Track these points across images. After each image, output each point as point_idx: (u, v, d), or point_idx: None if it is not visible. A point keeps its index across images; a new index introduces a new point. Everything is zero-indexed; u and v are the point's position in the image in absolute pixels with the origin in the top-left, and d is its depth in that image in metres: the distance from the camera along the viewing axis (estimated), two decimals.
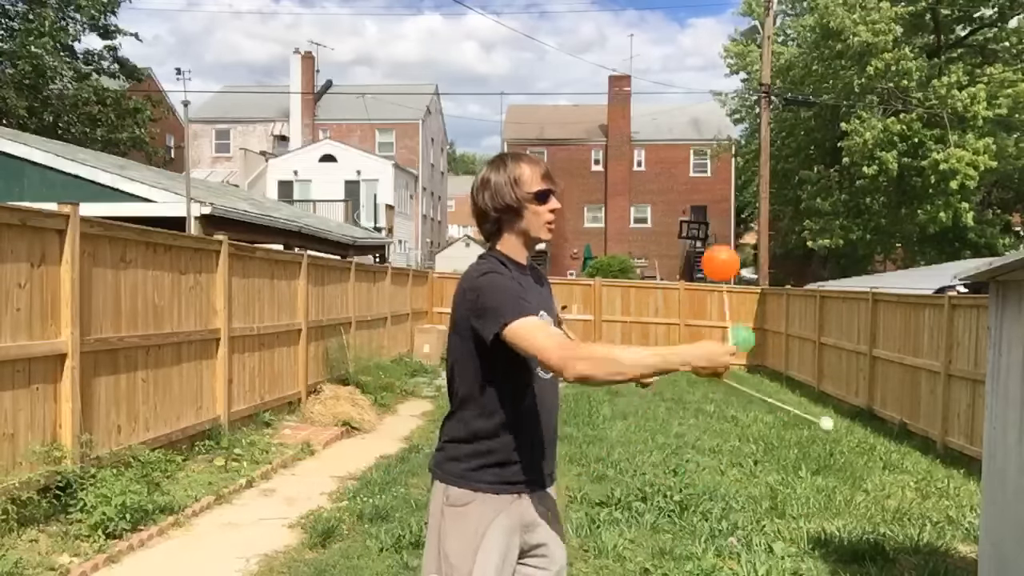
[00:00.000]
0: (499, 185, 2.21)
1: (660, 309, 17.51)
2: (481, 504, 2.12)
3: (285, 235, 13.50)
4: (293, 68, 38.53)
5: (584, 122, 39.45)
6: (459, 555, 2.10)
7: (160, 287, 6.18)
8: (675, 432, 8.75)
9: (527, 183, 2.19)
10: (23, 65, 20.68)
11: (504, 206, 2.20)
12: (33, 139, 12.12)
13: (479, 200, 2.25)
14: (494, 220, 2.24)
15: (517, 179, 2.20)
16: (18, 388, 4.60)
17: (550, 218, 2.23)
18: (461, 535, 2.10)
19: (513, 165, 2.23)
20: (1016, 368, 3.54)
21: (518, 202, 2.19)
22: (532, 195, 2.19)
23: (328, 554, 4.66)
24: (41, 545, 4.34)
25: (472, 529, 2.10)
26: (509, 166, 2.23)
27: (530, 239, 2.25)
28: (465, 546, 2.10)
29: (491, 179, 2.23)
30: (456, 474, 2.15)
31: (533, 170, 2.21)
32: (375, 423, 9.11)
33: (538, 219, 2.22)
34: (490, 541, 2.11)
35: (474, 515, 2.11)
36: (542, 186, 2.20)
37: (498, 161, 2.27)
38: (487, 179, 2.24)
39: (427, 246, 40.01)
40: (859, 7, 24.16)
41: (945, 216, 23.90)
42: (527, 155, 2.29)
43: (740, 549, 4.79)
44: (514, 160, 2.25)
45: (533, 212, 2.21)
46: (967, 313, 8.10)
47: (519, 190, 2.19)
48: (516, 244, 2.25)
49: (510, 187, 2.20)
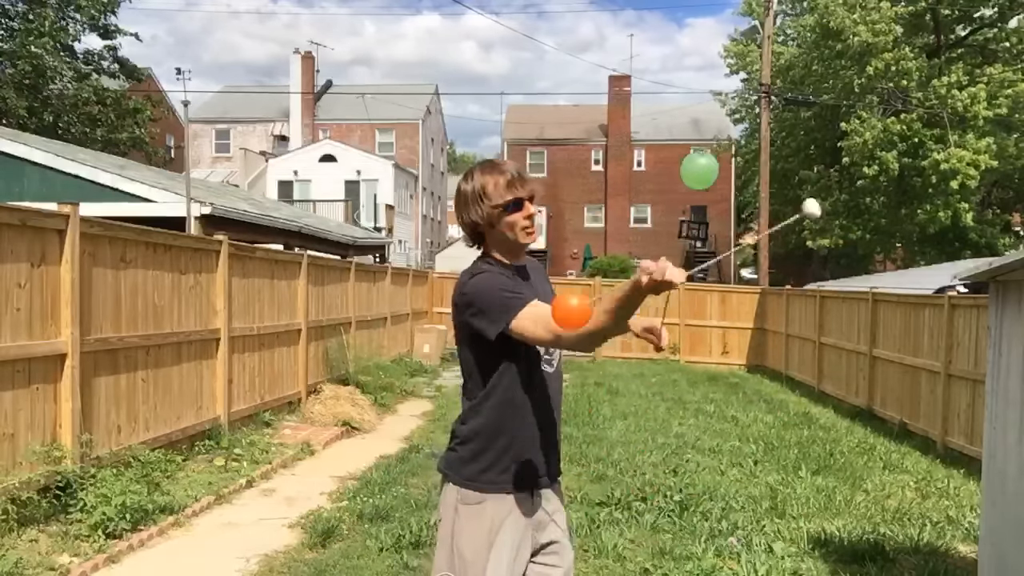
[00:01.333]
0: (468, 200, 2.21)
1: (660, 309, 17.45)
2: (494, 503, 2.15)
3: (285, 235, 13.50)
4: (293, 68, 38.53)
5: (584, 122, 39.45)
6: (473, 552, 2.12)
7: (160, 287, 6.18)
8: (675, 432, 8.75)
9: (492, 195, 2.16)
10: (23, 65, 20.69)
11: (474, 221, 2.20)
12: (33, 139, 12.13)
13: (457, 213, 2.27)
14: (471, 233, 2.25)
15: (483, 194, 2.17)
16: (18, 388, 4.60)
17: (525, 224, 2.19)
18: (475, 533, 2.12)
19: (480, 177, 2.19)
20: (1016, 368, 3.55)
21: (487, 216, 2.18)
22: (500, 207, 2.16)
23: (328, 554, 4.66)
24: (41, 545, 4.34)
25: (486, 527, 2.12)
26: (476, 178, 2.20)
27: (510, 244, 2.23)
28: (479, 544, 2.13)
29: (462, 192, 2.23)
30: (468, 475, 2.18)
31: (497, 181, 2.16)
32: (375, 423, 9.11)
33: (513, 227, 2.19)
34: (503, 539, 2.14)
35: (487, 514, 2.13)
36: (507, 196, 2.16)
37: (468, 173, 2.25)
38: (459, 191, 2.25)
39: (427, 246, 40.02)
40: (859, 7, 24.16)
41: (945, 216, 23.91)
42: (493, 163, 2.25)
43: (740, 549, 4.79)
44: (482, 172, 2.21)
45: (506, 223, 2.18)
46: (967, 313, 8.10)
47: (485, 205, 2.17)
48: (501, 251, 2.24)
49: (477, 202, 2.18)
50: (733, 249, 4.01)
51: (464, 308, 2.13)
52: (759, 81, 22.08)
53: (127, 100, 23.67)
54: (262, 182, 33.38)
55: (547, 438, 2.24)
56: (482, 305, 2.08)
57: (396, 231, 32.99)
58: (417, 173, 38.44)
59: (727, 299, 17.48)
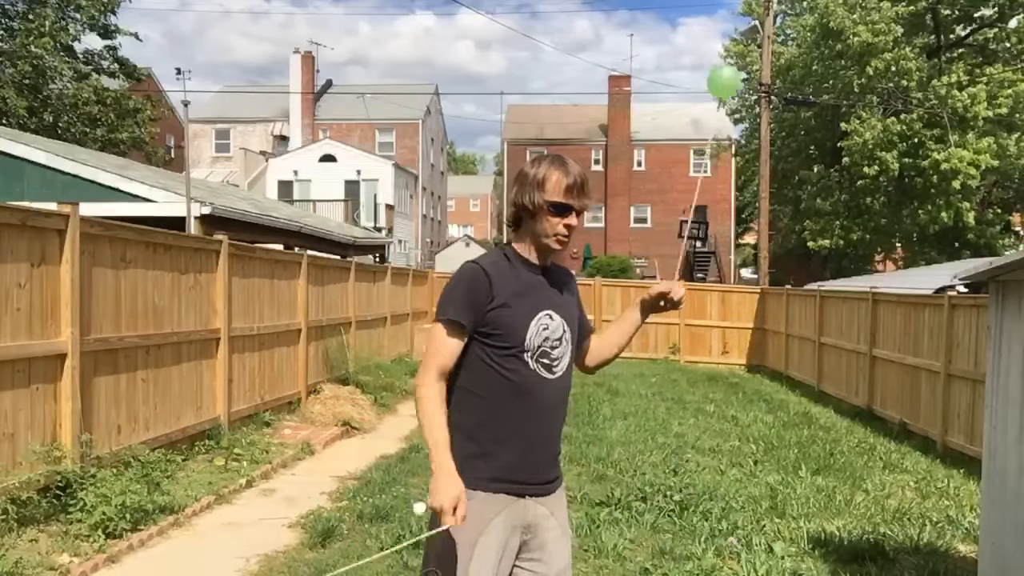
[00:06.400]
0: (526, 183, 2.23)
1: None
2: (481, 502, 2.14)
3: (285, 235, 13.50)
4: (293, 68, 38.53)
5: (584, 122, 39.45)
6: (458, 548, 2.12)
7: (160, 287, 6.18)
8: (675, 432, 8.75)
9: (549, 191, 2.19)
10: (23, 65, 20.67)
11: (522, 204, 2.23)
12: (33, 139, 12.13)
13: (510, 190, 2.30)
14: (513, 213, 2.28)
15: (542, 183, 2.20)
16: (18, 388, 4.60)
17: (561, 232, 2.22)
18: (460, 529, 2.11)
19: (546, 168, 2.22)
20: (1016, 367, 3.55)
21: (534, 205, 2.21)
22: (548, 203, 2.19)
23: (328, 554, 4.66)
24: (41, 545, 4.34)
25: (472, 524, 2.11)
26: (542, 167, 2.23)
27: (540, 243, 2.24)
28: (463, 540, 2.12)
29: (525, 174, 2.26)
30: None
31: (559, 180, 2.20)
32: (375, 423, 9.11)
33: (549, 228, 2.21)
34: (489, 538, 2.14)
35: (474, 511, 2.12)
36: (561, 199, 2.19)
37: (541, 159, 2.27)
38: (522, 173, 2.28)
39: (427, 246, 40.03)
40: (859, 7, 24.17)
41: (947, 216, 23.91)
42: (565, 162, 2.26)
43: (740, 549, 4.79)
44: (551, 164, 2.24)
45: (546, 220, 2.21)
46: (967, 313, 8.10)
47: (538, 194, 2.20)
48: (528, 243, 2.26)
49: (532, 188, 2.21)
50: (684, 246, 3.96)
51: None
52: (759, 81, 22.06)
53: (127, 100, 23.65)
54: (262, 182, 33.39)
55: (535, 440, 2.21)
56: (444, 292, 2.21)
57: (396, 231, 33.00)
58: (417, 173, 38.44)
59: (727, 299, 17.48)
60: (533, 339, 2.17)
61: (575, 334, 2.32)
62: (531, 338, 2.17)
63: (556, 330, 2.23)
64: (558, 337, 2.23)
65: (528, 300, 2.20)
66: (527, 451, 2.19)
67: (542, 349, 2.19)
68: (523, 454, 2.19)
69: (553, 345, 2.22)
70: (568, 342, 2.27)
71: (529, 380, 2.18)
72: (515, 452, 2.17)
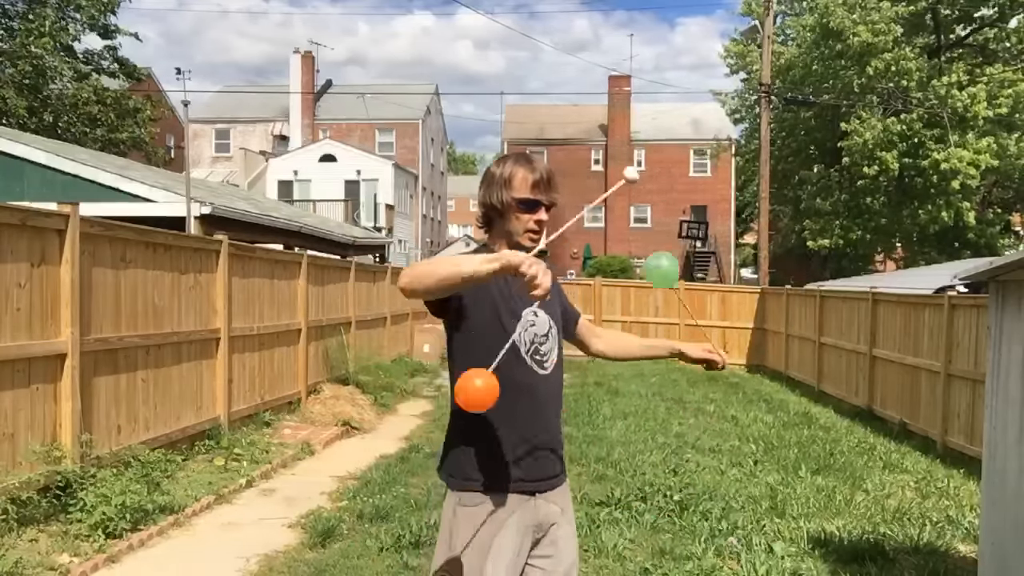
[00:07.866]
0: (493, 182, 2.23)
1: (660, 309, 17.51)
2: (495, 503, 2.14)
3: (285, 235, 13.50)
4: (293, 68, 38.52)
5: (584, 122, 39.44)
6: (471, 552, 2.12)
7: (160, 287, 6.18)
8: (675, 432, 8.75)
9: (516, 188, 2.18)
10: (23, 65, 20.67)
11: (490, 204, 2.22)
12: (33, 139, 12.13)
13: (479, 190, 2.29)
14: (483, 214, 2.27)
15: (508, 181, 2.19)
16: (18, 388, 4.60)
17: (532, 227, 2.19)
18: (473, 534, 2.11)
19: (511, 166, 2.22)
20: (1016, 367, 3.55)
21: (502, 204, 2.20)
22: (516, 201, 2.18)
23: (328, 554, 4.66)
24: (41, 545, 4.34)
25: (485, 529, 2.11)
26: (507, 165, 2.23)
27: (512, 241, 2.22)
28: (477, 544, 2.12)
29: (491, 173, 2.25)
30: (463, 475, 2.17)
31: (525, 176, 2.18)
32: (375, 423, 9.11)
33: (520, 225, 2.20)
34: (504, 538, 2.13)
35: (486, 515, 2.12)
36: (528, 194, 2.18)
37: (505, 158, 2.28)
38: (488, 173, 2.27)
39: (427, 246, 40.02)
40: (859, 7, 24.19)
41: (947, 216, 23.92)
42: (530, 159, 2.25)
43: (740, 549, 4.79)
44: (516, 161, 2.24)
45: (516, 217, 2.20)
46: (967, 313, 8.10)
47: (506, 192, 2.19)
48: (502, 243, 2.24)
49: (499, 187, 2.20)
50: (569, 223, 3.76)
51: None
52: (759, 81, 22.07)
53: (127, 100, 23.66)
54: (262, 182, 33.39)
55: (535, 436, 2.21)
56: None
57: (396, 231, 33.00)
58: (417, 173, 38.44)
59: (727, 299, 17.48)
60: (523, 336, 2.18)
61: (560, 329, 2.35)
62: (521, 336, 2.17)
63: (543, 326, 2.25)
64: (544, 333, 2.25)
65: (511, 299, 2.20)
66: (532, 449, 2.20)
67: (533, 346, 2.20)
68: (528, 452, 2.19)
69: (541, 341, 2.24)
70: (555, 337, 2.30)
71: (526, 378, 2.19)
72: (520, 451, 2.18)
